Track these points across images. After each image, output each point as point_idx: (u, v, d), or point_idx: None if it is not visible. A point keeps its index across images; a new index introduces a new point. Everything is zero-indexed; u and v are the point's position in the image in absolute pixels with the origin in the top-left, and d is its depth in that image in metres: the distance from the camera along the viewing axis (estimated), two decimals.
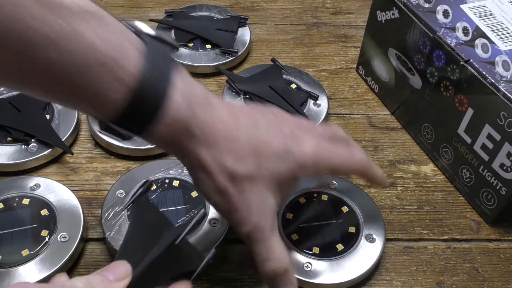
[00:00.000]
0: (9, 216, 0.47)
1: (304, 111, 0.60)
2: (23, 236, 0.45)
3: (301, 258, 0.46)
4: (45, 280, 0.42)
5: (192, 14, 0.74)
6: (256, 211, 0.36)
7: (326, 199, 0.50)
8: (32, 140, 0.54)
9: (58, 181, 0.50)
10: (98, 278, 0.31)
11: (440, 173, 0.57)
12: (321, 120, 0.59)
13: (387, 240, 0.50)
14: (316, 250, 0.46)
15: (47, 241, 0.45)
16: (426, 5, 0.55)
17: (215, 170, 0.35)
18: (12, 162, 0.52)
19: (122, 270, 0.33)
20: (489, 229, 0.52)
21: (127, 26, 0.33)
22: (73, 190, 0.50)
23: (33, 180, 0.50)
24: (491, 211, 0.51)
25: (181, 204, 0.49)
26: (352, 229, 0.48)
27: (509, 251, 0.50)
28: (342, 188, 0.52)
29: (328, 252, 0.46)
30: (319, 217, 0.49)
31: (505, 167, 0.48)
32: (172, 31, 0.70)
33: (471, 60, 0.49)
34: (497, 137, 0.48)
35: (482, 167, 0.51)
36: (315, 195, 0.51)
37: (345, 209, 0.50)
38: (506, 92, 0.46)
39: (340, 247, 0.47)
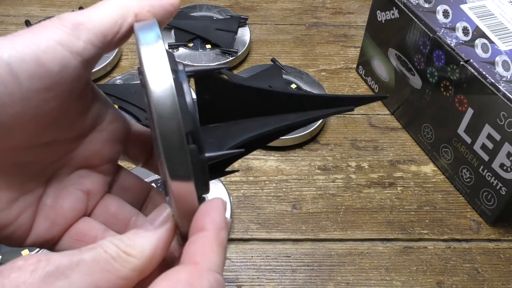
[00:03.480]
0: None
1: None
2: None
3: None
4: None
5: (192, 14, 0.74)
6: None
7: None
8: None
9: None
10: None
11: (440, 173, 0.57)
12: (321, 120, 0.59)
13: (387, 240, 0.51)
14: None
15: None
16: (426, 5, 0.55)
17: None
18: None
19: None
20: (489, 229, 0.52)
21: None
22: None
23: None
24: (491, 211, 0.51)
25: None
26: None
27: (509, 251, 0.50)
28: None
29: None
30: None
31: (505, 167, 0.48)
32: (172, 31, 0.70)
33: (471, 60, 0.49)
34: (497, 137, 0.48)
35: (482, 167, 0.51)
36: None
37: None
38: (506, 92, 0.46)
39: None
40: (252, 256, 0.49)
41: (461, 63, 0.50)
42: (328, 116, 0.29)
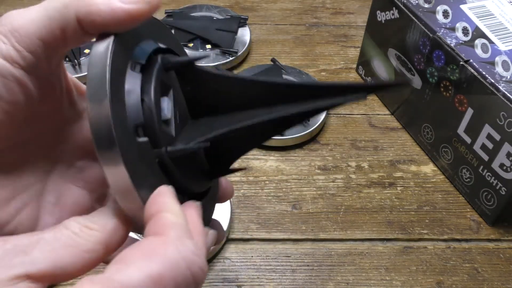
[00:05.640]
0: None
1: None
2: None
3: None
4: None
5: (192, 14, 0.74)
6: None
7: None
8: None
9: None
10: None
11: (440, 173, 0.57)
12: (320, 120, 0.59)
13: (387, 240, 0.51)
14: None
15: None
16: (426, 5, 0.55)
17: None
18: None
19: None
20: (489, 229, 0.52)
21: None
22: None
23: None
24: (491, 211, 0.51)
25: None
26: None
27: (508, 251, 0.50)
28: None
29: None
30: None
31: (505, 167, 0.48)
32: (172, 31, 0.70)
33: (471, 60, 0.49)
34: (497, 137, 0.48)
35: (482, 167, 0.51)
36: None
37: None
38: (506, 92, 0.46)
39: None
40: (252, 256, 0.49)
41: (461, 63, 0.50)
42: (334, 107, 0.25)
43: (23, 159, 0.27)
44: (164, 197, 0.23)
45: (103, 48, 0.22)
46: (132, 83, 0.23)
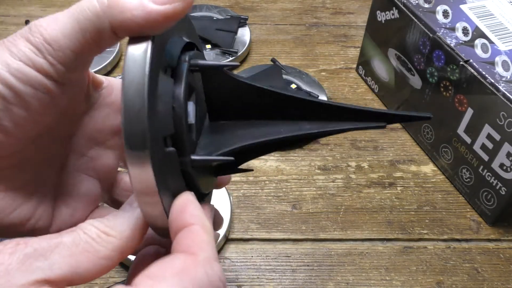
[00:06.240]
0: None
1: None
2: None
3: None
4: None
5: (192, 14, 0.74)
6: None
7: None
8: None
9: None
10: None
11: (440, 173, 0.57)
12: None
13: (387, 240, 0.51)
14: None
15: None
16: (426, 5, 0.55)
17: None
18: None
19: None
20: (489, 229, 0.52)
21: None
22: None
23: None
24: (491, 211, 0.51)
25: None
26: None
27: (508, 251, 0.50)
28: None
29: None
30: None
31: (504, 167, 0.48)
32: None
33: (471, 60, 0.49)
34: (497, 137, 0.48)
35: (482, 167, 0.51)
36: None
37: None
38: (506, 92, 0.46)
39: None
40: (252, 256, 0.49)
41: (461, 63, 0.50)
42: (349, 131, 0.26)
43: (41, 153, 0.27)
44: (193, 207, 0.24)
45: (141, 53, 0.21)
46: (165, 89, 0.23)
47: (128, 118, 0.21)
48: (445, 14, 0.54)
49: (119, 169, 0.32)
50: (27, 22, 0.72)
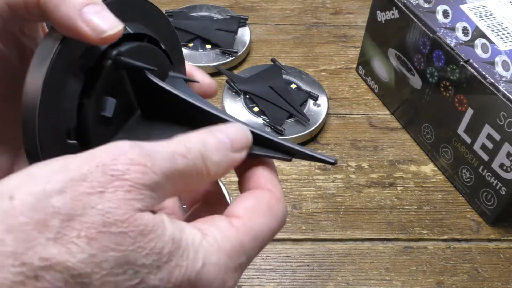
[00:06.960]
0: None
1: (304, 111, 0.60)
2: None
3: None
4: None
5: (192, 14, 0.74)
6: None
7: None
8: None
9: None
10: (214, 140, 0.23)
11: (440, 173, 0.57)
12: (320, 120, 0.59)
13: (387, 240, 0.51)
14: None
15: None
16: (426, 5, 0.55)
17: None
18: None
19: (243, 139, 0.25)
20: (489, 229, 0.52)
21: None
22: None
23: None
24: (491, 211, 0.51)
25: None
26: None
27: (508, 251, 0.50)
28: None
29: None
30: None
31: (505, 167, 0.48)
32: None
33: (471, 60, 0.49)
34: (497, 137, 0.48)
35: (482, 167, 0.51)
36: None
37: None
38: (506, 92, 0.46)
39: None
40: None
41: (461, 63, 0.50)
42: (260, 157, 0.27)
43: (3, 115, 0.28)
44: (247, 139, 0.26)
45: (46, 54, 0.23)
46: (74, 86, 0.24)
47: (24, 113, 0.23)
48: (445, 14, 0.54)
49: None
50: None
